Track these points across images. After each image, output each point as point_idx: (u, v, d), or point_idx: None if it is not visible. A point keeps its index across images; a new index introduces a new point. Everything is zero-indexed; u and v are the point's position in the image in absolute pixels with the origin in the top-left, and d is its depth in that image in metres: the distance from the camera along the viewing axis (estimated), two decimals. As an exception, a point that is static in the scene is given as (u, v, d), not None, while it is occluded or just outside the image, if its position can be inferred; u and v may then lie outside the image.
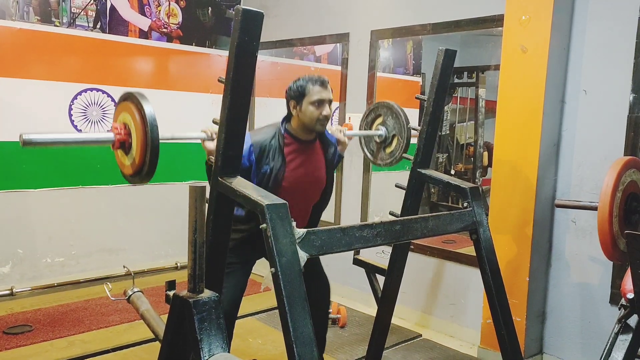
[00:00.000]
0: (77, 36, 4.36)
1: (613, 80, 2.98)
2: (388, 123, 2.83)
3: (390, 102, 2.83)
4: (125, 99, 1.97)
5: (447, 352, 3.46)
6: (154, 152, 1.87)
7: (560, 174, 3.20)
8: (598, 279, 3.08)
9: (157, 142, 1.86)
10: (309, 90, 2.41)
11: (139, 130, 1.88)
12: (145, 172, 1.93)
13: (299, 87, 2.43)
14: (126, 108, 1.96)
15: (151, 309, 1.76)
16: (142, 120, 1.87)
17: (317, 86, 2.41)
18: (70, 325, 3.57)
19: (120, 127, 1.96)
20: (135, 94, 1.91)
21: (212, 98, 5.13)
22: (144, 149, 1.88)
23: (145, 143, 1.87)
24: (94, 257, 4.61)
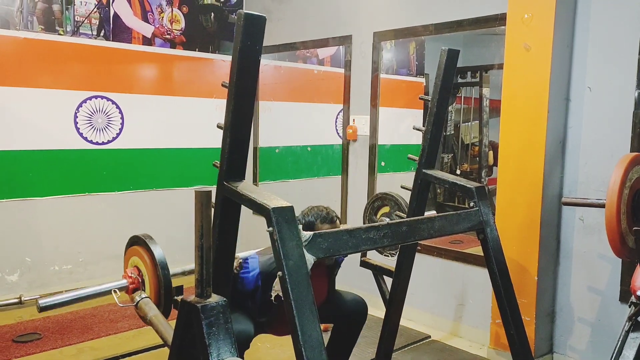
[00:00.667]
0: (81, 44, 4.38)
1: (618, 76, 2.97)
2: (393, 215, 2.91)
3: (395, 196, 2.91)
4: (133, 243, 2.04)
5: (457, 353, 3.44)
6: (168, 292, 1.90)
7: (566, 172, 3.19)
8: (607, 277, 3.06)
9: (170, 284, 1.92)
10: (318, 229, 2.39)
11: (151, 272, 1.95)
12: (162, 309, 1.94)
13: (308, 224, 2.44)
14: (135, 252, 2.03)
15: (159, 314, 1.76)
16: (152, 263, 1.94)
17: (326, 224, 2.43)
18: (79, 332, 3.58)
19: (132, 271, 2.02)
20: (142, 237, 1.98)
21: (216, 103, 5.14)
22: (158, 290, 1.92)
23: (158, 286, 1.92)
24: (102, 264, 4.62)
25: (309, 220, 2.45)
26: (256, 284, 2.43)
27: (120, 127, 4.64)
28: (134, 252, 2.02)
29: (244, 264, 2.44)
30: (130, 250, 2.05)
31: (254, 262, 2.45)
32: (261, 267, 2.44)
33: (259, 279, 2.42)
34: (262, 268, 2.43)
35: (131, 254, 2.04)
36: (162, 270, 1.90)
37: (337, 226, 2.47)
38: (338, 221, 2.49)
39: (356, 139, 4.35)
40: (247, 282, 2.43)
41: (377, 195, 3.10)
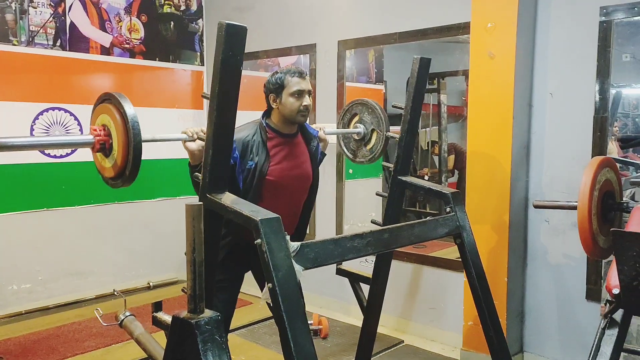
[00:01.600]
0: (37, 55, 4.24)
1: (578, 82, 3.09)
2: (365, 119, 2.86)
3: (364, 99, 2.87)
4: (104, 100, 1.94)
5: (431, 356, 3.49)
6: (137, 151, 1.85)
7: (531, 175, 3.29)
8: (573, 276, 3.16)
9: (140, 141, 1.86)
10: (288, 82, 2.41)
11: (120, 130, 1.87)
12: (128, 173, 1.91)
13: (277, 80, 2.43)
14: (105, 110, 1.94)
15: (146, 332, 1.71)
16: (123, 120, 1.84)
17: (295, 77, 2.41)
18: (43, 353, 3.43)
19: (100, 129, 1.92)
20: (115, 95, 1.88)
21: (179, 113, 5.06)
22: (126, 149, 1.86)
23: (128, 143, 1.84)
24: (62, 281, 4.46)
25: (278, 76, 2.42)
26: (233, 156, 2.33)
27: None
28: (103, 109, 1.93)
29: None
30: (99, 108, 1.96)
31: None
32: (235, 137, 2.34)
33: (235, 149, 2.34)
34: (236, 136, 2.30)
35: (100, 111, 1.95)
36: (132, 130, 1.82)
37: (306, 80, 2.43)
38: (306, 76, 2.44)
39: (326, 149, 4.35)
40: None
41: (345, 109, 3.01)
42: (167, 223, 5.05)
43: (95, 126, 1.98)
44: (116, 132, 1.91)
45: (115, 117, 1.89)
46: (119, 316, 1.78)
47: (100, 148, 1.97)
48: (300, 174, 2.56)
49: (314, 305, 4.28)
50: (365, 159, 2.96)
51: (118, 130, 1.89)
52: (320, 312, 4.16)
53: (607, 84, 2.98)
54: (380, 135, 2.81)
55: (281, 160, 2.47)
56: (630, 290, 1.82)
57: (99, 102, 2.03)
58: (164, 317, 1.91)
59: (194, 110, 5.19)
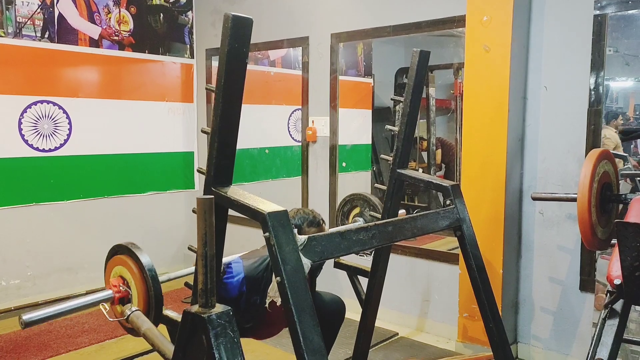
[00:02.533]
0: (24, 46, 4.16)
1: (572, 75, 3.11)
2: (365, 215, 2.90)
3: (366, 196, 2.92)
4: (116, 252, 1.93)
5: (426, 348, 3.51)
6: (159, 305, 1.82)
7: (526, 168, 3.32)
8: (567, 267, 3.20)
9: (160, 295, 1.83)
10: (305, 233, 2.38)
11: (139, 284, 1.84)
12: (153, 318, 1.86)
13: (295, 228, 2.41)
14: (120, 261, 1.92)
15: (153, 327, 1.68)
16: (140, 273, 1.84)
17: (312, 228, 2.44)
18: (36, 350, 3.39)
19: (118, 283, 1.91)
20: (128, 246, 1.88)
21: (169, 106, 5.01)
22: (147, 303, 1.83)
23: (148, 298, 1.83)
24: (52, 277, 4.41)
25: (296, 224, 2.44)
26: (240, 290, 2.37)
27: (68, 133, 4.44)
28: (117, 261, 1.93)
29: (227, 269, 2.37)
30: (113, 260, 1.95)
31: (238, 266, 2.39)
32: (246, 271, 2.38)
33: (244, 284, 2.36)
34: (247, 272, 2.37)
35: (114, 263, 1.94)
36: (151, 279, 1.81)
37: (323, 229, 2.46)
38: (323, 224, 2.48)
39: (316, 140, 4.35)
40: (230, 287, 2.37)
41: (345, 199, 3.08)
42: (158, 217, 5.01)
43: (114, 279, 1.95)
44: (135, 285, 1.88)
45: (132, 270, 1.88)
46: (125, 312, 1.75)
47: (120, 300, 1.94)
48: None
49: (307, 299, 4.27)
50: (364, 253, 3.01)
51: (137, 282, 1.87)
52: (314, 305, 4.15)
53: (601, 77, 3.01)
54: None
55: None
56: (632, 281, 1.85)
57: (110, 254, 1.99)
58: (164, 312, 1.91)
59: (183, 103, 5.14)
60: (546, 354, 3.29)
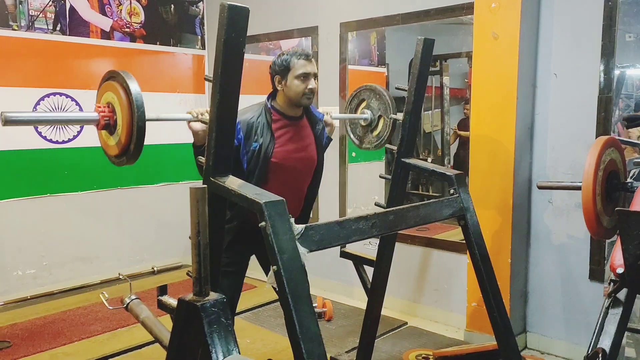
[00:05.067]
0: (37, 39, 4.21)
1: (582, 62, 3.06)
2: (372, 105, 2.84)
3: (372, 85, 2.85)
4: (109, 78, 1.94)
5: (434, 337, 3.51)
6: (141, 128, 1.85)
7: (535, 157, 3.28)
8: (576, 256, 3.17)
9: (143, 117, 1.85)
10: (294, 64, 2.39)
11: (125, 108, 1.87)
12: (132, 150, 1.91)
13: (283, 62, 2.41)
14: (110, 87, 1.94)
15: (151, 315, 1.72)
16: (127, 98, 1.85)
17: (301, 60, 2.39)
18: (50, 338, 3.46)
19: (105, 107, 1.93)
20: (120, 72, 1.88)
21: (180, 97, 5.04)
22: (131, 126, 1.86)
23: (132, 119, 1.86)
24: (67, 266, 4.49)
25: (284, 58, 2.40)
26: (237, 137, 2.34)
27: (81, 125, 4.48)
28: (109, 87, 1.94)
29: None
30: (104, 86, 1.96)
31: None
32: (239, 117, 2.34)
33: (239, 130, 2.35)
34: (240, 118, 2.31)
35: (105, 89, 1.96)
36: (136, 105, 1.81)
37: (312, 62, 2.41)
38: (312, 59, 2.43)
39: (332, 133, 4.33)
40: None
41: (352, 94, 2.98)
42: (171, 208, 5.06)
43: (101, 103, 1.98)
44: (120, 109, 1.91)
45: (120, 95, 1.90)
46: (124, 299, 1.78)
47: (105, 125, 1.97)
48: (305, 157, 2.55)
49: (318, 288, 4.30)
50: (371, 145, 2.95)
51: (122, 108, 1.90)
52: (324, 295, 4.18)
53: (612, 64, 2.96)
54: (387, 121, 2.80)
55: (286, 143, 2.46)
56: (634, 270, 1.82)
57: (104, 79, 2.02)
58: (169, 301, 1.92)
59: (195, 94, 5.17)
60: (555, 343, 3.26)
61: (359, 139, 2.97)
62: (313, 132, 2.60)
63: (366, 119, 2.86)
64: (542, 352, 3.30)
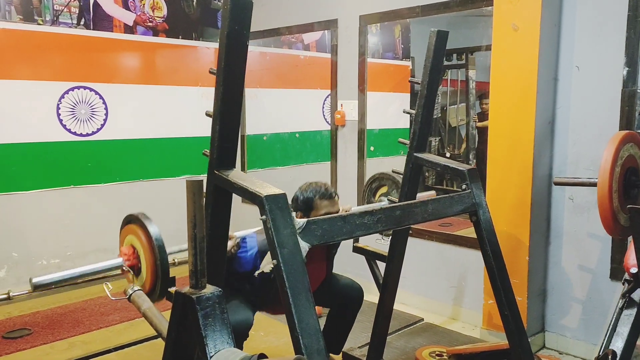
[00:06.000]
0: (61, 34, 4.29)
1: (605, 54, 2.96)
2: (392, 195, 2.86)
3: (393, 176, 2.88)
4: (129, 222, 1.96)
5: (450, 334, 3.46)
6: (165, 276, 1.84)
7: (556, 152, 3.19)
8: (597, 255, 3.08)
9: (167, 266, 1.85)
10: (317, 206, 2.43)
11: (147, 254, 1.87)
12: (158, 293, 1.89)
13: (306, 201, 2.44)
14: (131, 231, 1.95)
15: (153, 307, 1.73)
16: (149, 243, 1.87)
17: (325, 201, 2.44)
18: (69, 326, 3.54)
19: (129, 251, 1.95)
20: (139, 216, 1.91)
21: (202, 91, 5.07)
22: (154, 274, 1.86)
23: (155, 268, 1.86)
24: (90, 257, 4.57)
25: (308, 197, 2.43)
26: (254, 264, 2.38)
27: (105, 118, 4.56)
28: (129, 230, 1.97)
29: (242, 244, 2.39)
30: (126, 229, 1.99)
31: (252, 241, 2.41)
32: (260, 245, 2.40)
33: (258, 258, 2.38)
34: (261, 247, 2.39)
35: (126, 232, 1.99)
36: (159, 251, 1.84)
37: (336, 202, 2.44)
38: (336, 197, 2.45)
39: (344, 124, 4.32)
40: (244, 261, 2.38)
41: (374, 177, 3.05)
42: (192, 200, 5.09)
43: (124, 248, 1.99)
44: (144, 255, 1.92)
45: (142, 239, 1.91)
46: (127, 290, 1.80)
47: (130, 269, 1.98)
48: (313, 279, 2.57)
49: (335, 283, 4.29)
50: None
51: (146, 253, 1.91)
52: (341, 289, 4.16)
53: (637, 56, 2.85)
54: None
55: None
56: (648, 270, 1.76)
57: (124, 223, 2.04)
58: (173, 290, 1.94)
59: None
60: (574, 343, 3.19)
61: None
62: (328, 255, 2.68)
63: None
64: (561, 352, 3.23)
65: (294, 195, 2.52)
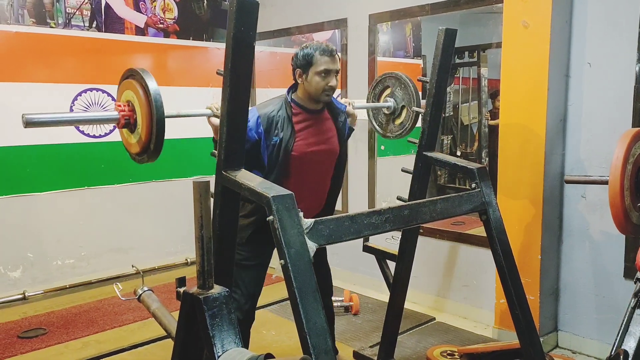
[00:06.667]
0: (74, 36, 4.33)
1: (618, 51, 2.93)
2: (396, 94, 2.80)
3: (397, 73, 2.80)
4: (128, 76, 1.96)
5: (462, 334, 3.45)
6: (160, 126, 1.86)
7: (568, 150, 3.16)
8: (611, 253, 3.05)
9: (162, 115, 1.86)
10: (316, 60, 2.35)
11: (144, 106, 1.89)
12: (152, 148, 1.93)
13: (306, 56, 2.37)
14: (129, 86, 1.96)
15: (162, 306, 1.74)
16: (146, 95, 1.87)
17: (325, 56, 2.35)
18: (84, 326, 3.58)
19: (124, 105, 1.95)
20: (138, 70, 1.90)
21: (213, 92, 5.09)
22: (150, 124, 1.88)
23: (151, 117, 1.87)
24: (104, 257, 4.62)
25: (307, 52, 2.36)
26: (258, 131, 2.35)
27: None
28: (128, 85, 1.96)
29: None
30: (124, 84, 1.99)
31: (252, 111, 2.36)
32: (259, 111, 2.37)
33: (260, 124, 2.35)
34: (261, 111, 2.35)
35: (124, 87, 1.99)
36: (155, 104, 1.83)
37: (336, 60, 2.36)
38: (337, 55, 2.39)
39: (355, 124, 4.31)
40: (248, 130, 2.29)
41: (377, 79, 2.95)
42: (204, 200, 5.12)
43: (121, 102, 2.01)
44: (140, 108, 1.93)
45: (139, 93, 1.91)
46: (137, 291, 1.82)
47: (125, 124, 1.99)
48: (327, 149, 2.53)
49: (346, 282, 4.30)
50: (393, 134, 2.91)
51: (141, 106, 1.91)
52: (352, 288, 4.17)
53: (650, 52, 2.82)
54: (410, 112, 2.76)
55: (307, 136, 2.45)
56: (660, 269, 1.74)
57: (123, 78, 2.05)
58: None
59: (228, 88, 5.20)
60: (588, 342, 3.16)
61: (381, 126, 2.94)
62: (335, 124, 2.58)
63: (389, 107, 2.82)
64: (574, 352, 3.20)
65: (293, 55, 2.45)
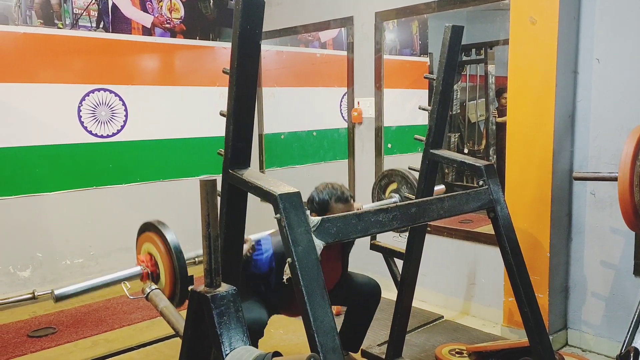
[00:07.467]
0: (81, 37, 4.35)
1: (626, 47, 2.91)
2: (401, 191, 2.85)
3: (404, 172, 2.87)
4: (145, 229, 1.98)
5: (470, 332, 3.43)
6: (184, 281, 1.83)
7: (576, 146, 3.14)
8: (620, 251, 3.02)
9: (185, 271, 1.84)
10: (332, 208, 2.42)
11: (165, 260, 1.87)
12: (178, 297, 1.88)
13: (322, 203, 2.45)
14: (148, 238, 1.96)
15: (170, 305, 1.75)
16: (166, 250, 1.86)
17: (339, 204, 2.43)
18: (93, 325, 3.60)
19: (146, 259, 1.96)
20: (155, 223, 1.92)
21: (220, 91, 5.10)
22: (173, 280, 1.86)
23: (174, 273, 1.85)
24: (113, 256, 4.64)
25: (323, 199, 2.43)
26: (270, 266, 2.41)
27: (124, 119, 4.62)
28: (147, 238, 1.99)
29: (257, 246, 2.41)
30: (143, 237, 2.01)
31: (267, 243, 2.43)
32: (275, 247, 2.42)
33: (273, 260, 2.40)
34: (276, 249, 2.40)
35: (143, 240, 2.01)
36: (176, 256, 1.83)
37: (351, 206, 2.44)
38: (352, 200, 2.46)
39: (361, 122, 4.32)
40: (260, 264, 2.41)
41: (384, 173, 3.05)
42: (211, 200, 5.13)
43: (142, 256, 2.00)
44: (162, 262, 1.92)
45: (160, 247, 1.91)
46: (145, 289, 1.83)
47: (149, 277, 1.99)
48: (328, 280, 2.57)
49: (354, 280, 4.28)
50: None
51: (164, 260, 1.90)
52: (361, 287, 4.16)
53: (659, 47, 2.79)
54: None
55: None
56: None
57: (140, 231, 2.05)
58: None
59: (235, 87, 5.21)
60: (597, 340, 3.14)
61: None
62: (343, 257, 2.68)
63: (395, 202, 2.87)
64: (584, 350, 3.18)
65: (309, 195, 2.52)
